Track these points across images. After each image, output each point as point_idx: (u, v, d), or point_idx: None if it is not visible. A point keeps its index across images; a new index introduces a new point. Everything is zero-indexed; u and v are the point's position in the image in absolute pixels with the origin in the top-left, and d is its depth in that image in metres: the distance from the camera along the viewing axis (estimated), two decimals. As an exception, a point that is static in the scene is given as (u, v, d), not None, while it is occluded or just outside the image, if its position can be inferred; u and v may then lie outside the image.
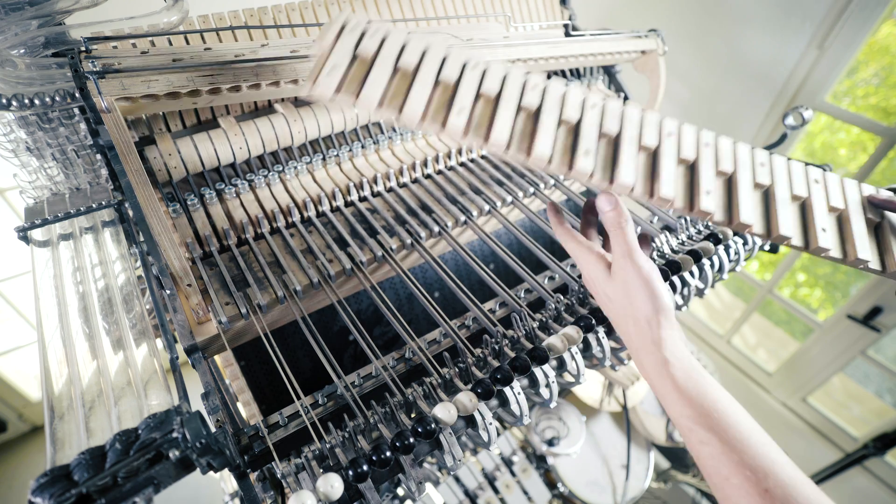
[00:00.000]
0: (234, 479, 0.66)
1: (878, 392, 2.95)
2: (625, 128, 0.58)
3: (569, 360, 0.58)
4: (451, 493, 1.55)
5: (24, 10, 0.69)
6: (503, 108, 0.56)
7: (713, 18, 2.14)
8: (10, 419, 2.64)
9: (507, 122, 0.55)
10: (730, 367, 2.95)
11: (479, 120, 0.55)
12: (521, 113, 0.57)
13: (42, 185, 0.79)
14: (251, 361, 0.84)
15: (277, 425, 0.52)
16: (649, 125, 0.59)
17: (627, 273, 0.48)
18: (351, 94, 0.52)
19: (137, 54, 0.60)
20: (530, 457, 1.74)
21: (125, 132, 0.56)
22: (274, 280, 0.63)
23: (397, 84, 0.54)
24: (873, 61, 2.05)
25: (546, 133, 0.55)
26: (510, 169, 0.87)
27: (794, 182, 0.60)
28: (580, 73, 1.11)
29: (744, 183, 0.59)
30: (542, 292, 0.66)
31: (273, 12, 0.78)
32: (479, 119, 0.55)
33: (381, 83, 0.53)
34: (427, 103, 0.54)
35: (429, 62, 0.56)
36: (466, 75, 0.56)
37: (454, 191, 0.80)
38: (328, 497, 0.42)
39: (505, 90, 0.57)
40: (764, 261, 3.44)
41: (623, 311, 0.48)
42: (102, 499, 0.34)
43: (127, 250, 0.67)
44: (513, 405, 0.54)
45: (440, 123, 0.53)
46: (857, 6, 1.76)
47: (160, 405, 0.46)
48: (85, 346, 0.53)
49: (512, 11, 1.00)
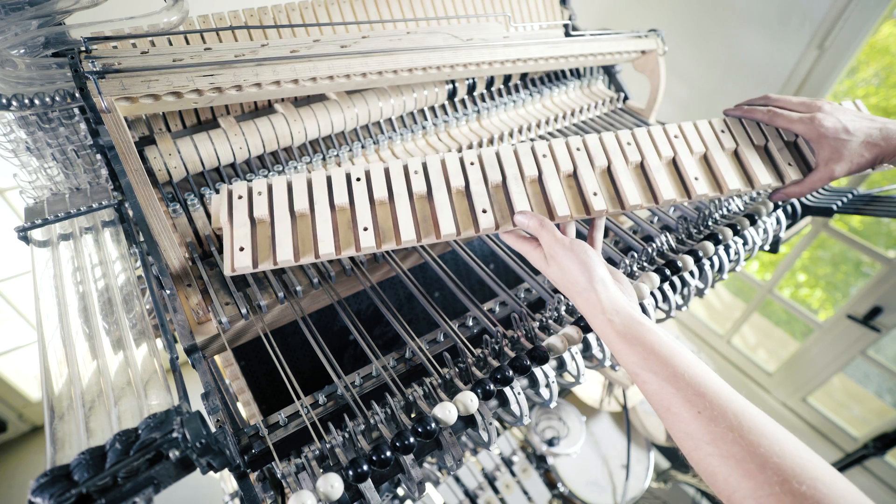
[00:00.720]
0: (234, 479, 0.66)
1: (878, 392, 2.95)
2: (506, 170, 0.63)
3: (569, 360, 0.58)
4: (451, 493, 1.55)
5: (24, 10, 0.69)
6: (399, 206, 0.59)
7: (713, 18, 2.14)
8: (10, 419, 2.64)
9: (408, 217, 0.59)
10: (730, 367, 2.95)
11: (384, 226, 0.59)
12: (416, 200, 0.61)
13: (42, 185, 0.79)
14: (251, 361, 0.84)
15: (277, 425, 0.52)
16: (525, 156, 0.64)
17: (558, 256, 0.56)
18: (269, 263, 0.55)
19: (137, 54, 0.60)
20: (530, 457, 1.74)
21: (125, 132, 0.56)
22: (274, 280, 0.63)
23: (302, 230, 0.57)
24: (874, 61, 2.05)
25: (444, 211, 0.60)
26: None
27: (659, 147, 0.67)
28: (580, 73, 1.11)
29: (620, 168, 0.65)
30: (542, 292, 0.66)
31: (273, 12, 0.78)
32: (383, 225, 0.59)
33: (287, 239, 0.56)
34: (335, 234, 0.57)
35: (318, 193, 0.59)
36: (355, 189, 0.60)
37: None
38: (328, 497, 0.42)
39: (394, 187, 0.60)
40: (764, 261, 3.44)
41: (567, 287, 0.55)
42: (102, 499, 0.34)
43: (127, 250, 0.67)
44: (513, 405, 0.54)
45: (353, 248, 0.57)
46: (857, 6, 1.76)
47: (160, 405, 0.46)
48: (85, 346, 0.53)
49: (512, 11, 1.00)
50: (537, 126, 0.97)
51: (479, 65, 0.83)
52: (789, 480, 0.37)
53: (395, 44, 0.76)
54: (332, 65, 0.69)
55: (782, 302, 2.60)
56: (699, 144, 0.68)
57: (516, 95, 1.00)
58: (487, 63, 0.84)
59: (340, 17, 0.83)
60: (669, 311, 0.68)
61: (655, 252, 0.69)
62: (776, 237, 0.81)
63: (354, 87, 0.74)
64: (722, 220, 0.76)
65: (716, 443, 0.40)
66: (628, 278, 0.64)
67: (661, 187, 0.64)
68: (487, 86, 0.96)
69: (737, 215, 0.76)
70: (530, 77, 1.03)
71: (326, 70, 0.68)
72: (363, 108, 0.81)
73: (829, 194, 0.86)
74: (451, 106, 0.94)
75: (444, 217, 0.59)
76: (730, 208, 0.78)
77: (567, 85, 1.07)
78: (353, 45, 0.72)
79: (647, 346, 0.47)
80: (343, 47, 0.71)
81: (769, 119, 0.69)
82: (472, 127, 0.94)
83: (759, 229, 0.76)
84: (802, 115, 0.66)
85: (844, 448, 2.50)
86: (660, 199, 0.64)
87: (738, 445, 0.39)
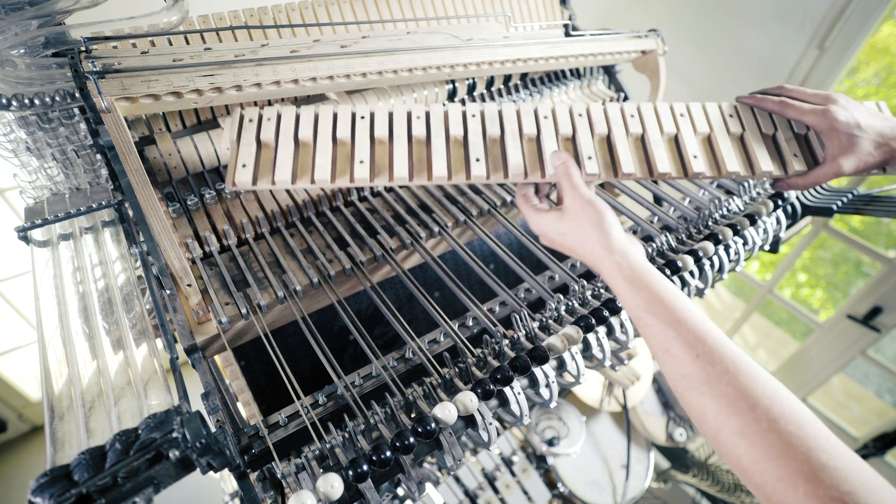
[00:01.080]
0: (234, 479, 0.66)
1: (878, 392, 2.95)
2: (505, 125, 0.64)
3: (569, 360, 0.58)
4: (451, 493, 1.55)
5: (24, 10, 0.69)
6: (397, 147, 0.61)
7: (713, 18, 2.14)
8: (10, 419, 2.64)
9: (404, 157, 0.61)
10: (730, 367, 2.94)
11: (380, 163, 0.61)
12: (414, 143, 0.62)
13: (42, 185, 0.79)
14: (251, 361, 0.84)
15: (277, 425, 0.52)
16: (526, 116, 0.65)
17: (576, 203, 0.57)
18: (267, 182, 0.58)
19: (137, 54, 0.60)
20: (530, 457, 1.74)
21: (125, 132, 0.56)
22: (274, 280, 0.63)
23: (302, 157, 0.60)
24: (874, 61, 2.05)
25: (439, 155, 0.61)
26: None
27: (662, 123, 0.67)
28: (580, 73, 1.11)
29: (620, 138, 0.65)
30: (542, 292, 0.66)
31: (273, 12, 0.78)
32: (379, 162, 0.61)
33: (287, 162, 0.59)
34: (332, 164, 0.60)
35: (323, 126, 0.62)
36: (358, 127, 0.62)
37: (454, 191, 0.80)
38: (328, 497, 0.42)
39: (395, 128, 0.62)
40: (764, 261, 3.44)
41: (578, 238, 0.57)
42: (102, 499, 0.34)
43: (127, 250, 0.67)
44: (513, 405, 0.54)
45: (348, 178, 0.59)
46: (857, 6, 1.76)
47: (160, 405, 0.46)
48: (85, 346, 0.53)
49: (512, 11, 1.00)
50: (537, 126, 0.97)
51: (479, 65, 0.83)
52: (777, 420, 0.38)
53: (395, 44, 0.76)
54: (332, 65, 0.69)
55: (782, 302, 2.60)
56: (704, 125, 0.68)
57: (516, 95, 1.00)
58: (487, 63, 0.84)
59: (340, 17, 0.83)
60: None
61: (655, 252, 0.69)
62: (776, 237, 0.81)
63: (354, 87, 0.74)
64: (722, 220, 0.76)
65: (710, 383, 0.42)
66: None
67: (658, 160, 0.64)
68: (487, 86, 0.96)
69: (737, 215, 0.76)
70: (530, 77, 1.03)
71: (326, 70, 0.68)
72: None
73: (829, 194, 0.86)
74: (451, 106, 0.94)
75: (438, 161, 0.61)
76: (730, 208, 0.78)
77: (567, 85, 1.07)
78: (353, 45, 0.72)
79: (653, 291, 0.49)
80: (343, 47, 0.71)
81: (780, 109, 0.68)
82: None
83: (759, 229, 0.76)
84: (815, 107, 0.65)
85: (844, 448, 2.50)
86: (655, 171, 0.64)
87: (732, 387, 0.41)
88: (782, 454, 0.37)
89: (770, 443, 0.37)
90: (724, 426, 0.40)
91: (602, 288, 0.66)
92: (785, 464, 0.36)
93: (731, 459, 0.40)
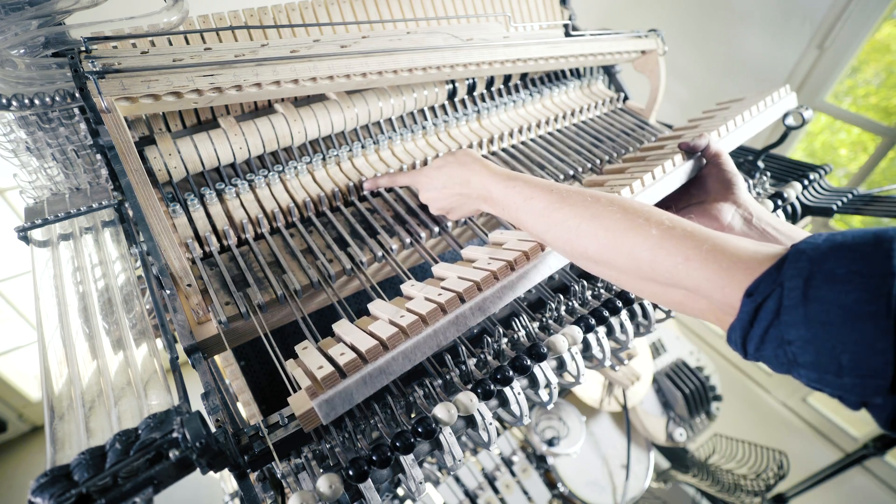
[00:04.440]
0: (234, 479, 0.66)
1: (878, 392, 2.94)
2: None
3: (569, 360, 0.58)
4: (451, 493, 1.55)
5: (24, 10, 0.69)
6: None
7: (713, 18, 2.14)
8: (10, 419, 2.64)
9: None
10: (730, 367, 2.95)
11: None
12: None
13: (42, 185, 0.79)
14: (251, 361, 0.84)
15: (277, 425, 0.52)
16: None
17: (431, 169, 0.68)
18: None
19: (137, 54, 0.60)
20: (530, 457, 1.74)
21: (125, 132, 0.56)
22: (274, 280, 0.63)
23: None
24: (874, 61, 2.05)
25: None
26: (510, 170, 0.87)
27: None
28: (580, 73, 1.11)
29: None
30: (542, 292, 0.66)
31: (273, 12, 0.78)
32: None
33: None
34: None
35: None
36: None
37: (454, 191, 0.80)
38: (328, 497, 0.42)
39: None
40: (764, 261, 3.43)
41: (458, 186, 0.64)
42: (102, 499, 0.34)
43: (127, 250, 0.67)
44: (513, 405, 0.54)
45: None
46: (857, 6, 1.76)
47: (160, 405, 0.46)
48: (85, 346, 0.53)
49: (512, 11, 1.00)
50: (537, 126, 0.97)
51: (479, 65, 0.83)
52: (663, 222, 0.45)
53: (395, 44, 0.76)
54: (332, 65, 0.69)
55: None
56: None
57: (516, 95, 1.00)
58: (487, 63, 0.84)
59: (340, 17, 0.83)
60: (669, 312, 0.68)
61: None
62: (776, 237, 0.81)
63: (354, 87, 0.74)
64: (722, 220, 0.76)
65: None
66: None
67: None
68: (487, 86, 0.96)
69: (737, 215, 0.76)
70: (530, 77, 1.03)
71: (326, 70, 0.68)
72: (363, 108, 0.81)
73: (830, 194, 0.86)
74: (451, 106, 0.94)
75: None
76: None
77: (567, 85, 1.07)
78: (353, 45, 0.72)
79: (554, 189, 0.53)
80: (343, 47, 0.71)
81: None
82: (472, 127, 0.94)
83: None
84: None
85: (844, 448, 2.50)
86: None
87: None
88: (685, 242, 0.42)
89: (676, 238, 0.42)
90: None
91: (602, 288, 0.66)
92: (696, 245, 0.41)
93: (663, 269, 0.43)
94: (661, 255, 0.42)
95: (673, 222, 0.44)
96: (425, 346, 0.49)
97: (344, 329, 0.52)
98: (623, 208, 0.47)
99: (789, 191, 0.81)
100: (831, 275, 0.32)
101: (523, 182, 0.55)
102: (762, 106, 0.82)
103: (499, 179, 0.58)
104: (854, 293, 0.31)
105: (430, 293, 0.54)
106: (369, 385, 0.46)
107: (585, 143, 0.95)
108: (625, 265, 0.45)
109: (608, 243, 0.46)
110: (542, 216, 0.52)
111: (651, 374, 1.88)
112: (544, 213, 0.52)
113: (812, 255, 0.34)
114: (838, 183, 2.32)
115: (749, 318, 0.36)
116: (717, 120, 0.80)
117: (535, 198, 0.53)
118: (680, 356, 2.09)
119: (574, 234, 0.49)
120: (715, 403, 1.98)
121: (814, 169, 0.88)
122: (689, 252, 0.40)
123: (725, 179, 0.63)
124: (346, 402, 0.45)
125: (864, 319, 0.30)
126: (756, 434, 2.20)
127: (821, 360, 0.32)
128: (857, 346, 0.31)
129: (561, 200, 0.51)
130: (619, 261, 0.45)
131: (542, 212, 0.52)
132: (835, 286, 0.32)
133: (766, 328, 0.35)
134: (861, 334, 0.30)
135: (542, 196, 0.52)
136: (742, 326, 0.37)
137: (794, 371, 0.35)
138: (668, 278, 0.42)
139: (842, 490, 2.41)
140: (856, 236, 0.34)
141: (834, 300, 0.32)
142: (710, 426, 1.99)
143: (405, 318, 0.50)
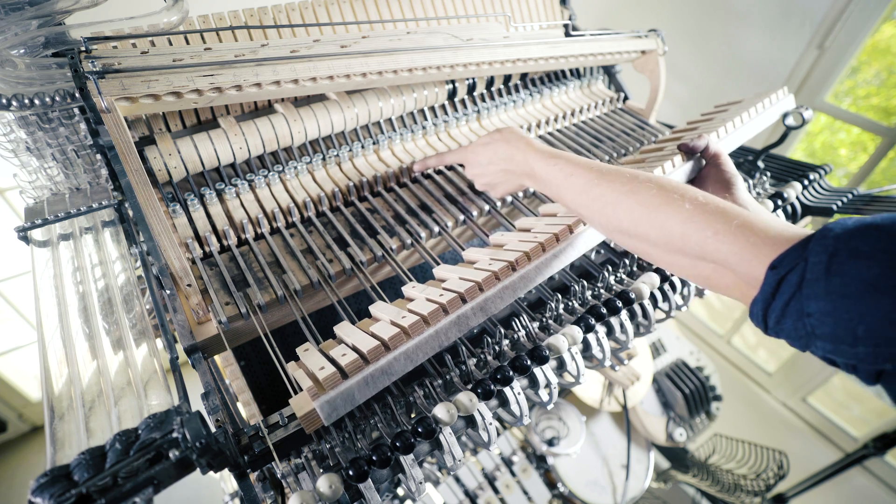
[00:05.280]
0: (234, 479, 0.66)
1: (878, 392, 2.94)
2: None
3: (569, 360, 0.58)
4: (451, 493, 1.55)
5: (24, 10, 0.69)
6: None
7: (713, 18, 2.14)
8: (10, 419, 2.64)
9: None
10: (730, 367, 2.95)
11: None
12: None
13: (42, 185, 0.79)
14: (251, 361, 0.84)
15: (277, 425, 0.52)
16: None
17: (479, 145, 0.70)
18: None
19: (137, 54, 0.60)
20: (530, 457, 1.74)
21: (125, 132, 0.56)
22: (274, 280, 0.63)
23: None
24: (874, 61, 2.05)
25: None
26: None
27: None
28: (580, 73, 1.11)
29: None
30: (542, 292, 0.66)
31: (273, 12, 0.78)
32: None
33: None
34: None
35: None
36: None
37: (454, 191, 0.80)
38: (328, 497, 0.42)
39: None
40: (764, 261, 3.43)
41: (505, 161, 0.66)
42: (102, 499, 0.34)
43: (127, 250, 0.67)
44: (513, 405, 0.54)
45: None
46: (857, 6, 1.76)
47: (160, 405, 0.46)
48: (85, 346, 0.53)
49: (512, 11, 1.00)
50: (537, 126, 0.97)
51: (479, 65, 0.83)
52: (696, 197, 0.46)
53: (395, 44, 0.76)
54: (332, 65, 0.69)
55: (782, 302, 2.59)
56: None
57: (516, 95, 1.00)
58: (487, 63, 0.84)
59: (340, 17, 0.83)
60: (669, 311, 0.68)
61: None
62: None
63: (354, 87, 0.74)
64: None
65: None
66: (629, 278, 0.65)
67: None
68: (487, 86, 0.96)
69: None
70: (530, 77, 1.03)
71: (326, 70, 0.68)
72: (363, 108, 0.81)
73: (829, 194, 0.86)
74: (451, 106, 0.94)
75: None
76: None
77: (567, 85, 1.07)
78: (353, 45, 0.72)
79: (594, 167, 0.55)
80: (343, 47, 0.71)
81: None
82: (472, 127, 0.94)
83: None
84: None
85: (844, 448, 2.50)
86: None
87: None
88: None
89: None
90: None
91: (602, 288, 0.66)
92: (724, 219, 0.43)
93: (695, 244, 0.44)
94: (692, 229, 0.43)
95: (707, 199, 0.45)
96: (427, 347, 0.50)
97: (345, 331, 0.52)
98: (660, 185, 0.48)
99: (789, 191, 0.81)
100: (856, 251, 0.33)
101: (565, 160, 0.58)
102: (760, 108, 0.82)
103: (542, 157, 0.61)
104: (877, 268, 0.32)
105: (431, 294, 0.54)
106: (371, 386, 0.46)
107: (585, 144, 0.95)
108: (657, 238, 0.47)
109: (642, 217, 0.48)
110: (581, 192, 0.54)
111: (651, 374, 1.88)
112: (584, 189, 0.54)
113: (839, 234, 0.35)
114: (838, 183, 2.32)
115: (771, 290, 0.37)
116: (716, 122, 0.80)
117: (576, 174, 0.55)
118: (680, 356, 2.08)
119: (611, 208, 0.50)
120: (715, 403, 1.98)
121: (814, 169, 0.88)
122: (719, 226, 0.42)
123: (725, 180, 0.63)
124: (347, 403, 0.45)
125: (884, 293, 0.31)
126: (756, 434, 2.20)
127: (837, 331, 0.33)
128: (873, 318, 0.31)
129: (600, 177, 0.53)
130: (651, 234, 0.47)
131: (582, 187, 0.54)
132: (859, 261, 0.33)
133: (788, 300, 0.36)
134: (879, 306, 0.31)
135: (582, 173, 0.55)
136: (764, 299, 0.38)
137: (811, 344, 0.36)
138: (698, 251, 0.43)
139: (842, 490, 2.41)
140: (885, 218, 0.34)
141: (856, 274, 0.32)
142: (710, 426, 1.99)
143: (407, 319, 0.50)
